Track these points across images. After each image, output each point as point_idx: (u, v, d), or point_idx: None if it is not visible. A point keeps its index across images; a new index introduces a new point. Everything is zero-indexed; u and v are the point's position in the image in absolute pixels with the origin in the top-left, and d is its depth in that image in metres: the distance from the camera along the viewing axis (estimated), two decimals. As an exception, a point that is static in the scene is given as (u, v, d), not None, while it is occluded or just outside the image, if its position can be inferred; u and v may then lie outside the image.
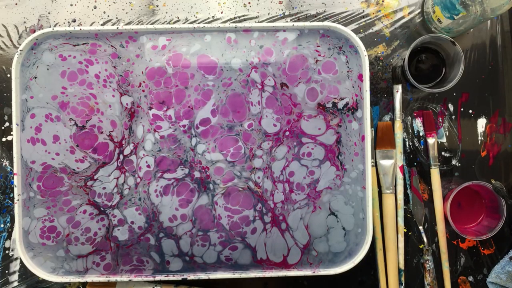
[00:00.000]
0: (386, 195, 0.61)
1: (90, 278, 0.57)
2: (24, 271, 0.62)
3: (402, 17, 0.64)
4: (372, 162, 0.61)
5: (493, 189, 0.59)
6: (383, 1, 0.64)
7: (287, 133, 0.58)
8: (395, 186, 0.62)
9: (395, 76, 0.62)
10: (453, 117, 0.64)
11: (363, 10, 0.64)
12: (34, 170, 0.57)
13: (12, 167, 0.62)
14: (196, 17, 0.63)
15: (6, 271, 0.62)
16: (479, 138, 0.64)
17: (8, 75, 0.63)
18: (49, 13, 0.63)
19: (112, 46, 0.58)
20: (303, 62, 0.58)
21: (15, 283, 0.62)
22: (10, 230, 0.62)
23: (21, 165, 0.57)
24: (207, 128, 0.58)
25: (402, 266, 0.62)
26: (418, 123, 0.63)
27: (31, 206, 0.57)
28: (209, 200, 0.58)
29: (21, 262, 0.62)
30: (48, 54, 0.57)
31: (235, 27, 0.57)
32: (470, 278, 0.63)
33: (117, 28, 0.57)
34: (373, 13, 0.64)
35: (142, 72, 0.58)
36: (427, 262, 0.62)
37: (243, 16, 0.64)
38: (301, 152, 0.58)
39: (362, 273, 0.63)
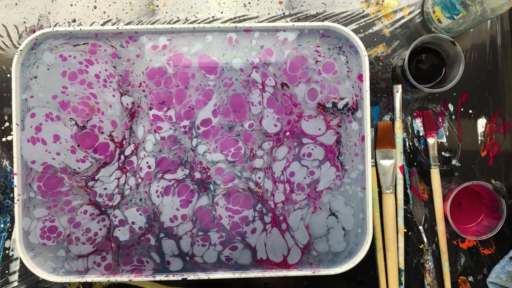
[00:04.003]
0: (386, 195, 0.61)
1: (90, 278, 0.57)
2: (24, 271, 0.62)
3: (402, 17, 0.64)
4: (372, 162, 0.62)
5: (493, 189, 0.59)
6: (383, 1, 0.64)
7: (288, 133, 0.58)
8: (395, 186, 0.62)
9: (395, 76, 0.62)
10: (453, 117, 0.64)
11: (363, 10, 0.64)
12: (34, 170, 0.57)
13: (12, 167, 0.62)
14: (196, 17, 0.63)
15: (6, 271, 0.62)
16: (479, 138, 0.64)
17: (8, 75, 0.63)
18: (49, 13, 0.63)
19: (112, 46, 0.58)
20: (303, 63, 0.58)
21: (15, 283, 0.62)
22: (10, 230, 0.62)
23: (21, 165, 0.57)
24: (208, 128, 0.58)
25: (402, 266, 0.62)
26: (418, 123, 0.63)
27: (31, 207, 0.57)
28: (209, 200, 0.58)
29: (21, 262, 0.62)
30: (48, 54, 0.57)
31: (235, 27, 0.57)
32: (470, 278, 0.63)
33: (117, 28, 0.57)
34: (373, 13, 0.64)
35: (142, 72, 0.58)
36: (427, 262, 0.62)
37: (243, 16, 0.64)
38: (302, 153, 0.58)
39: (362, 273, 0.63)
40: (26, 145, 0.57)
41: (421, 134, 0.63)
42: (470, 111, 0.64)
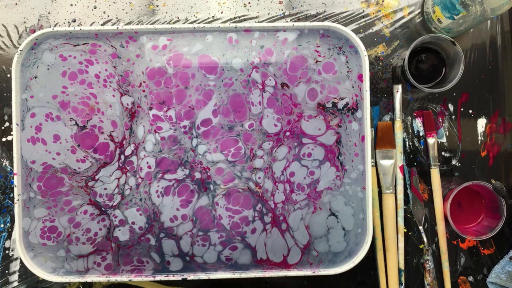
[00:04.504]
0: (386, 195, 0.61)
1: (90, 278, 0.57)
2: (24, 271, 0.62)
3: (402, 17, 0.64)
4: (372, 162, 0.62)
5: (493, 189, 0.59)
6: (383, 1, 0.64)
7: (288, 133, 0.58)
8: (395, 186, 0.62)
9: (395, 76, 0.62)
10: (453, 117, 0.64)
11: (363, 10, 0.64)
12: (34, 170, 0.57)
13: (12, 167, 0.62)
14: (196, 17, 0.63)
15: (6, 271, 0.62)
16: (479, 138, 0.64)
17: (8, 75, 0.63)
18: (49, 13, 0.63)
19: (112, 46, 0.58)
20: (303, 63, 0.58)
21: (15, 283, 0.62)
22: (10, 230, 0.62)
23: (21, 165, 0.57)
24: (208, 128, 0.58)
25: (402, 266, 0.62)
26: (418, 123, 0.64)
27: (31, 207, 0.57)
28: (209, 200, 0.58)
29: (21, 262, 0.62)
30: (48, 54, 0.57)
31: (235, 27, 0.57)
32: (470, 278, 0.63)
33: (117, 28, 0.57)
34: (373, 13, 0.64)
35: (143, 72, 0.58)
36: (427, 262, 0.62)
37: (243, 16, 0.64)
38: (302, 153, 0.58)
39: (362, 273, 0.63)
40: (26, 145, 0.57)
41: (421, 134, 0.63)
42: (470, 111, 0.64)
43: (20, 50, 0.56)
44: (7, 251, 0.62)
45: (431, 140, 0.63)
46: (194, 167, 0.58)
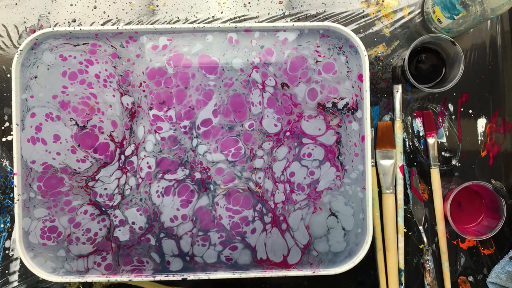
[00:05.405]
0: (386, 195, 0.61)
1: (90, 278, 0.57)
2: (24, 271, 0.62)
3: (402, 17, 0.64)
4: (372, 162, 0.62)
5: (493, 189, 0.59)
6: (383, 1, 0.64)
7: (288, 133, 0.58)
8: (395, 186, 0.62)
9: (395, 76, 0.62)
10: (453, 117, 0.64)
11: (363, 10, 0.64)
12: (34, 170, 0.57)
13: (12, 167, 0.62)
14: (196, 17, 0.63)
15: (6, 271, 0.62)
16: (479, 138, 0.64)
17: (8, 75, 0.63)
18: (49, 13, 0.63)
19: (112, 46, 0.58)
20: (303, 63, 0.58)
21: (15, 283, 0.62)
22: (10, 230, 0.62)
23: (21, 165, 0.57)
24: (208, 128, 0.58)
25: (402, 266, 0.62)
26: (418, 123, 0.64)
27: (31, 207, 0.57)
28: (209, 201, 0.58)
29: (21, 262, 0.62)
30: (48, 54, 0.57)
31: (235, 27, 0.57)
32: (470, 278, 0.63)
33: (117, 28, 0.57)
34: (373, 13, 0.64)
35: (143, 72, 0.58)
36: (427, 262, 0.62)
37: (243, 16, 0.64)
38: (302, 153, 0.58)
39: (362, 273, 0.63)
40: (26, 145, 0.57)
41: (421, 134, 0.63)
42: (470, 111, 0.64)
43: (20, 50, 0.56)
44: (7, 251, 0.62)
45: (431, 140, 0.63)
46: (194, 167, 0.58)
